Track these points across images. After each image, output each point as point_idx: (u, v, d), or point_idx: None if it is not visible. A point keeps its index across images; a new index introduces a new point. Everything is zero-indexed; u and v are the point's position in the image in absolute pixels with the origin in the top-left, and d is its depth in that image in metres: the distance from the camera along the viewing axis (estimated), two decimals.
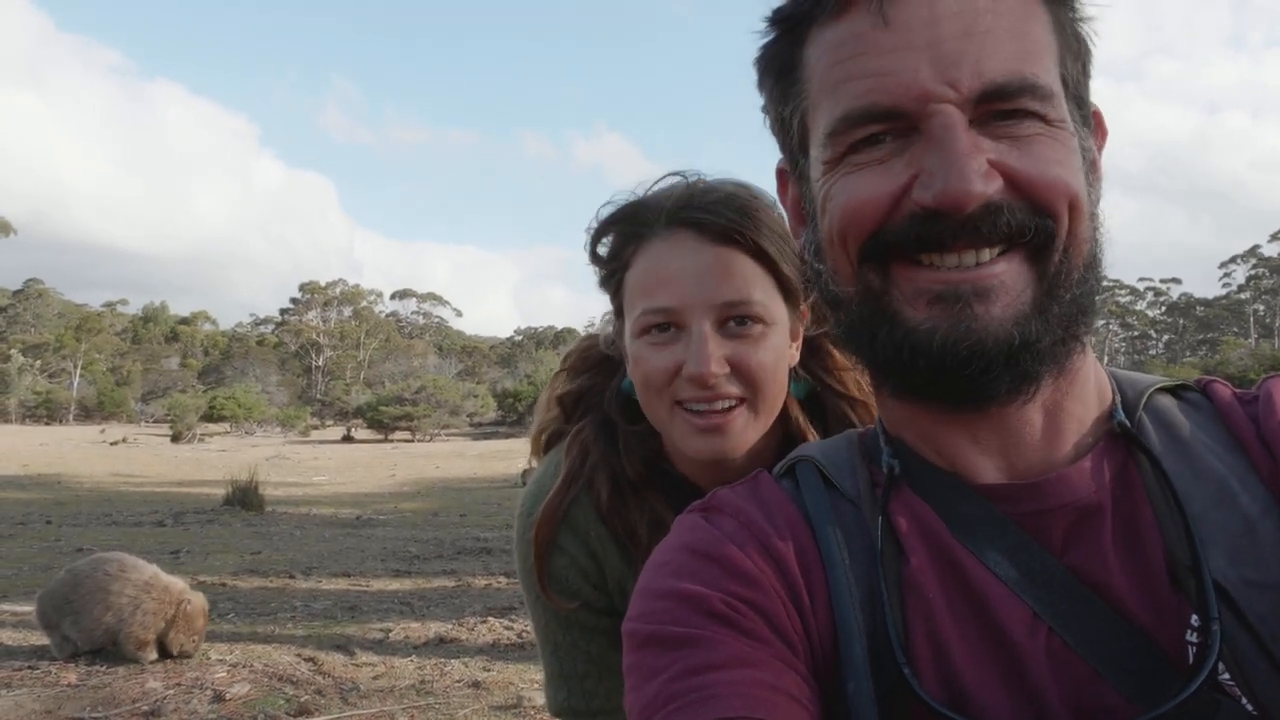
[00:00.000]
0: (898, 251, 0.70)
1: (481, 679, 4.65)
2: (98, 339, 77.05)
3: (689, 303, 1.19)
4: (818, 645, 0.73)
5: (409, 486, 17.80)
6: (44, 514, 11.62)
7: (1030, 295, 0.69)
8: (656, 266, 1.23)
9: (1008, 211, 0.67)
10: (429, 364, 77.95)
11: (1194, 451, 0.73)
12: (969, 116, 0.67)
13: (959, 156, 0.65)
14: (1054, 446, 0.73)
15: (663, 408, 1.24)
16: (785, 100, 0.78)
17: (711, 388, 1.19)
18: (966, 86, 0.66)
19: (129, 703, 4.16)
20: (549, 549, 1.35)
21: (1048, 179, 0.68)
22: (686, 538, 0.79)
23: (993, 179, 0.67)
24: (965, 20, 0.67)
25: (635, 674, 0.71)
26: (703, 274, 1.20)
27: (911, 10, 0.67)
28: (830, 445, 0.86)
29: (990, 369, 0.68)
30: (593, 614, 1.36)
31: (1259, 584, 0.66)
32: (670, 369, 1.21)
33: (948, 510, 0.74)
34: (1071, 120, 0.71)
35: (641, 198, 1.31)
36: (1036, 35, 0.69)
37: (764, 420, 1.26)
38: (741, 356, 1.20)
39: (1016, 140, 0.68)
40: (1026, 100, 0.67)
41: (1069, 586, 0.69)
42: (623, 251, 1.28)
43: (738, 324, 1.21)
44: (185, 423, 38.65)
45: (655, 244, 1.24)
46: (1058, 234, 0.69)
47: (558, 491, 1.35)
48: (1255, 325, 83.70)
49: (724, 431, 1.22)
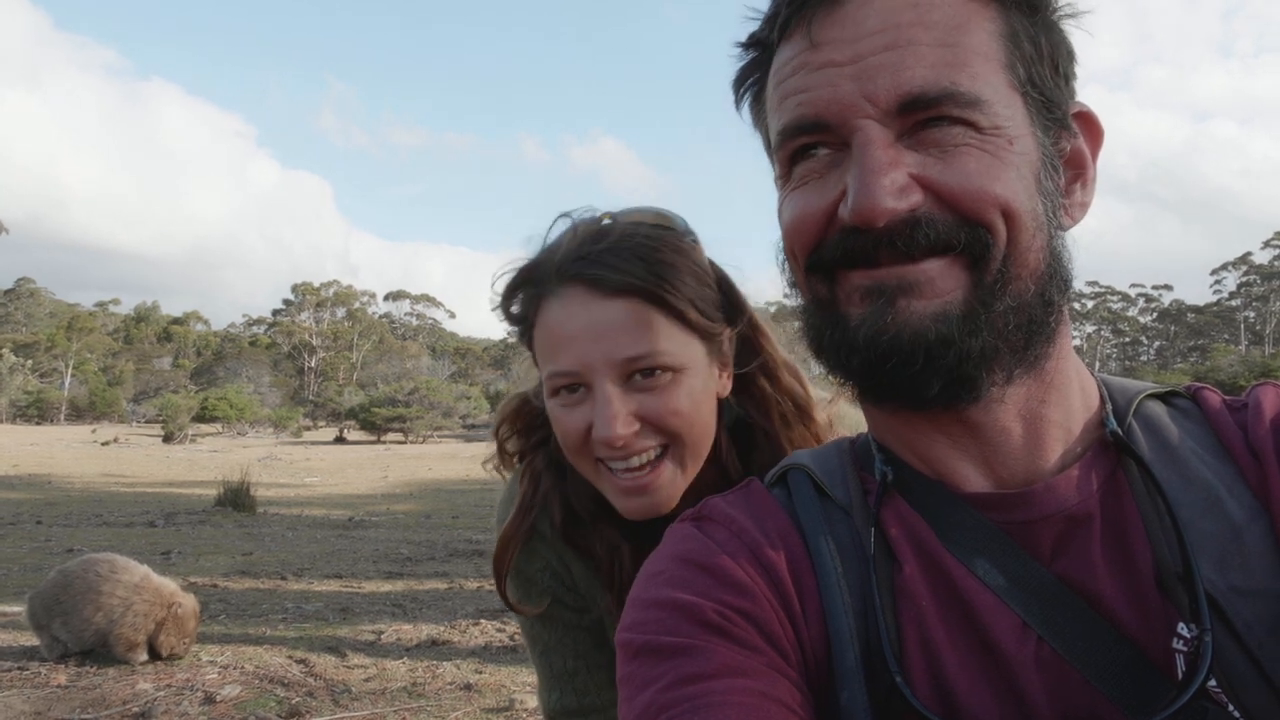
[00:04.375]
0: (838, 263, 0.72)
1: (473, 681, 4.63)
2: (89, 339, 76.68)
3: (588, 363, 1.14)
4: (811, 654, 0.73)
5: (401, 488, 17.74)
6: (34, 514, 11.54)
7: (960, 297, 0.69)
8: (555, 328, 1.17)
9: (926, 225, 0.68)
10: (422, 365, 77.85)
11: (1183, 458, 0.74)
12: (897, 129, 0.68)
13: (868, 173, 0.67)
14: (1039, 455, 0.74)
15: (587, 466, 1.22)
16: (758, 120, 0.81)
17: (623, 449, 1.15)
18: (884, 99, 0.68)
19: (119, 704, 4.14)
20: (509, 571, 1.36)
21: (970, 190, 0.67)
22: (679, 548, 0.79)
23: (910, 193, 0.68)
24: (889, 35, 0.68)
25: (629, 684, 0.71)
26: (600, 332, 1.14)
27: (838, 30, 0.70)
28: (822, 453, 0.86)
29: (910, 364, 0.69)
30: (572, 611, 1.38)
31: (1246, 591, 0.67)
32: (583, 429, 1.17)
33: (937, 518, 0.74)
34: (1028, 124, 0.70)
35: (535, 256, 1.26)
36: (969, 43, 0.69)
37: (692, 466, 1.21)
38: (652, 409, 1.15)
39: (945, 150, 0.68)
40: (948, 108, 0.67)
41: (1058, 595, 0.69)
42: (527, 310, 1.24)
43: (644, 376, 1.15)
44: (177, 423, 38.47)
45: (552, 303, 1.18)
46: (994, 244, 0.68)
47: (513, 519, 1.35)
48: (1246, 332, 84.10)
49: (650, 490, 1.18)
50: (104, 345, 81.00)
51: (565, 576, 1.37)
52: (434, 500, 15.25)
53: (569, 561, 1.37)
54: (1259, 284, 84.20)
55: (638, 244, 1.17)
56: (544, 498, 1.35)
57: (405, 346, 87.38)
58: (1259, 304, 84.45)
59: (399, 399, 41.86)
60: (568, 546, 1.35)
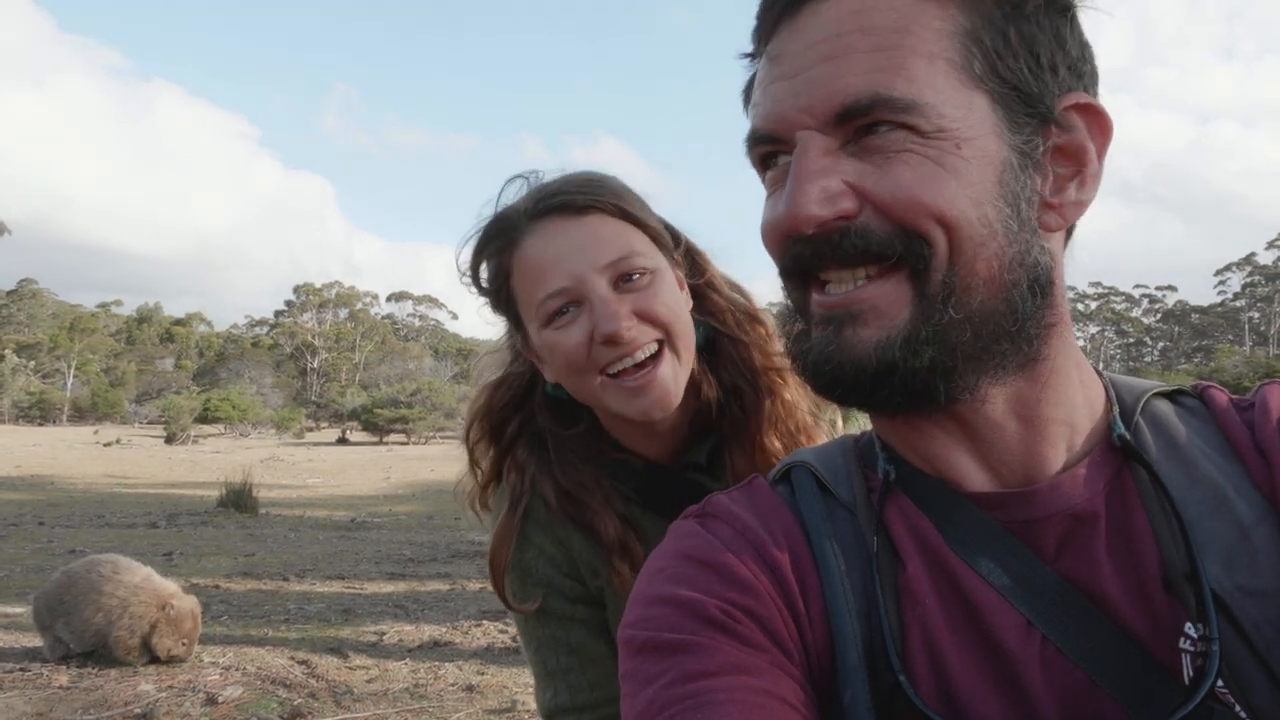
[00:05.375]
0: (789, 272, 0.74)
1: (475, 682, 4.64)
2: (92, 340, 76.86)
3: (579, 275, 1.24)
4: (814, 653, 0.72)
5: (404, 489, 17.76)
6: (37, 515, 11.56)
7: (905, 318, 0.68)
8: (537, 258, 1.27)
9: (855, 234, 0.68)
10: (425, 366, 77.92)
11: (1190, 458, 0.73)
12: (841, 137, 0.69)
13: (795, 181, 0.68)
14: (1038, 452, 0.73)
15: (591, 382, 1.28)
16: None
17: (629, 341, 1.23)
18: (820, 111, 0.68)
19: (121, 705, 4.14)
20: (506, 567, 1.38)
21: (901, 200, 0.66)
22: (683, 544, 0.78)
23: (840, 200, 0.67)
24: (829, 46, 0.68)
25: (631, 680, 0.71)
26: (581, 246, 1.25)
27: (788, 43, 0.71)
28: (826, 450, 0.86)
29: (858, 390, 0.70)
30: (567, 602, 1.38)
31: (1253, 591, 0.66)
32: (584, 341, 1.24)
33: (940, 517, 0.74)
34: (991, 122, 0.68)
35: (495, 213, 1.35)
36: (909, 45, 0.67)
37: (687, 360, 1.30)
38: (643, 304, 1.25)
39: (887, 158, 0.67)
40: (883, 113, 0.66)
41: (1062, 594, 0.69)
42: (501, 264, 1.33)
43: (627, 280, 1.26)
44: (179, 424, 38.51)
45: (528, 241, 1.28)
46: (932, 255, 0.67)
47: (505, 515, 1.38)
48: (1250, 333, 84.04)
49: (656, 384, 1.25)
50: (106, 346, 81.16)
51: (561, 561, 1.37)
52: (436, 501, 15.25)
53: (566, 538, 1.37)
54: (1263, 285, 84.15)
55: (589, 178, 1.33)
56: (532, 482, 1.38)
57: (408, 347, 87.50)
58: (1263, 305, 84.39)
59: (401, 400, 41.89)
60: (566, 521, 1.36)
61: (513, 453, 1.43)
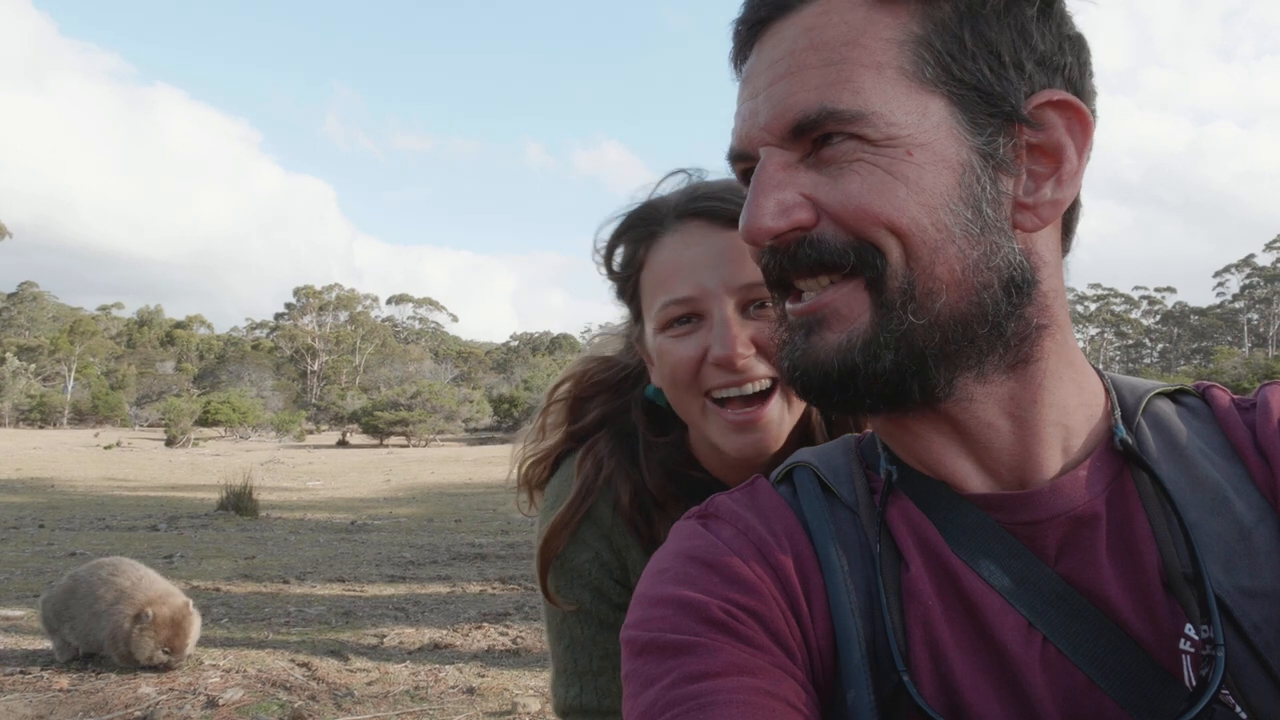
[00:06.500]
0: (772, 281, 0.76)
1: (476, 685, 4.63)
2: (92, 342, 76.83)
3: (708, 289, 1.17)
4: (816, 653, 0.73)
5: (404, 492, 17.74)
6: (37, 518, 11.55)
7: (865, 322, 0.70)
8: (672, 259, 1.21)
9: (809, 245, 0.70)
10: (425, 369, 77.88)
11: (1191, 458, 0.73)
12: (800, 151, 0.71)
13: (752, 195, 0.71)
14: (1035, 454, 0.73)
15: (694, 403, 1.22)
16: None
17: (740, 370, 1.16)
18: (777, 127, 0.70)
19: (121, 708, 4.14)
20: (555, 560, 1.34)
21: (850, 209, 0.68)
22: (685, 545, 0.79)
23: (795, 211, 0.70)
24: (784, 64, 0.70)
25: (634, 681, 0.71)
26: (719, 259, 1.18)
27: (753, 64, 0.75)
28: (828, 451, 0.86)
29: (825, 393, 0.72)
30: (613, 609, 1.35)
31: (1254, 592, 0.67)
32: (696, 357, 1.18)
33: (942, 518, 0.74)
34: (949, 126, 0.68)
35: (647, 200, 1.30)
36: (856, 57, 0.68)
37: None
38: (766, 337, 1.17)
39: (840, 169, 0.69)
40: (832, 125, 0.68)
41: (1063, 595, 0.69)
42: (636, 254, 1.27)
43: (758, 307, 1.18)
44: (180, 427, 38.51)
45: (667, 238, 1.22)
46: (886, 263, 0.68)
47: (570, 505, 1.33)
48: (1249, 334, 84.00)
49: (760, 424, 1.18)
50: (107, 349, 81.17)
51: (615, 569, 1.34)
52: (436, 504, 15.25)
53: (624, 550, 1.33)
54: (1262, 286, 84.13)
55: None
56: (607, 480, 1.33)
57: (408, 350, 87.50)
58: (1262, 306, 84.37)
59: (401, 403, 41.92)
60: (629, 532, 1.32)
61: (593, 441, 1.37)
